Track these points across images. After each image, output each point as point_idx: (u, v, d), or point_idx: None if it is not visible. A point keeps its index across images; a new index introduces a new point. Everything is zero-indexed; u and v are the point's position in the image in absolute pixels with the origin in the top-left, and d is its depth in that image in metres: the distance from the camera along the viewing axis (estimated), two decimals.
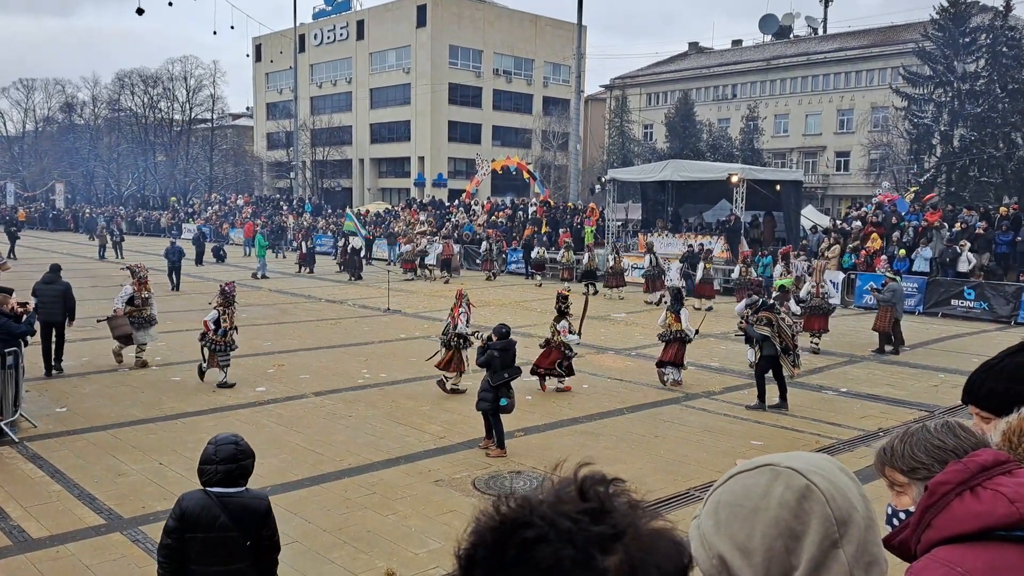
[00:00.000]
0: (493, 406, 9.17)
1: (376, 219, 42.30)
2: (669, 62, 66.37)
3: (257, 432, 9.92)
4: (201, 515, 4.06)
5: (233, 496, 4.14)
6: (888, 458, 1.82)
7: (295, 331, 17.58)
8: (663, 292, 21.15)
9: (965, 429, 1.77)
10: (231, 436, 4.31)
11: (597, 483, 0.95)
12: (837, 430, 10.45)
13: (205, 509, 4.08)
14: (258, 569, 4.22)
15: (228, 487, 4.15)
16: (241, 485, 4.21)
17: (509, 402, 9.28)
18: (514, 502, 0.94)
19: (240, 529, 4.10)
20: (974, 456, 1.57)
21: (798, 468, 1.18)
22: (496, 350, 9.39)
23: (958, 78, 35.79)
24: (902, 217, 25.77)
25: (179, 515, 4.10)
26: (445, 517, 7.35)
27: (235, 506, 4.12)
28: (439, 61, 62.73)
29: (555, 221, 33.20)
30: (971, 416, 2.23)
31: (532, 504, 0.93)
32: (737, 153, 48.86)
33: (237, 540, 4.09)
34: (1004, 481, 1.50)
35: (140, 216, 55.95)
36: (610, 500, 0.93)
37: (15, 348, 9.63)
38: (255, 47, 73.66)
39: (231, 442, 4.22)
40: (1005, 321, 20.22)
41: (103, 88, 74.27)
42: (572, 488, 0.94)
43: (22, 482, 8.09)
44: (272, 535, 4.28)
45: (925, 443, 1.76)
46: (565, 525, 0.89)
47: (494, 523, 0.92)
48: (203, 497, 4.13)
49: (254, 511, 4.17)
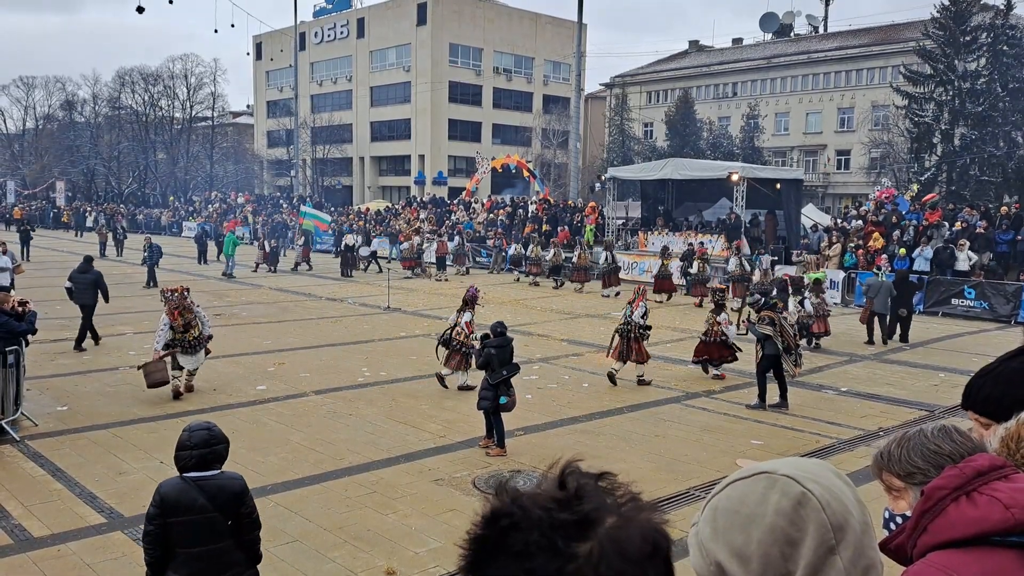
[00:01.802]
0: (494, 404, 9.19)
1: (377, 217, 42.32)
2: (669, 60, 66.32)
3: (257, 430, 9.94)
4: (180, 499, 4.22)
5: (208, 479, 4.30)
6: (885, 462, 1.83)
7: (296, 329, 17.59)
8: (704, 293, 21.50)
9: (962, 433, 1.78)
10: (204, 423, 4.50)
11: (576, 474, 1.00)
12: (837, 429, 10.46)
13: (183, 493, 4.24)
14: (241, 547, 4.39)
15: (203, 471, 4.30)
16: (216, 469, 4.36)
17: (509, 400, 9.30)
18: (504, 494, 1.00)
19: (219, 509, 4.26)
20: (970, 461, 1.58)
21: (794, 475, 1.19)
22: (493, 348, 9.41)
23: (959, 77, 35.75)
24: (903, 216, 25.78)
25: (159, 502, 4.24)
26: (445, 516, 7.36)
27: (211, 488, 4.27)
28: (439, 59, 62.71)
29: (555, 219, 33.21)
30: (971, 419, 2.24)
31: (514, 495, 0.99)
32: (737, 151, 48.84)
33: (217, 520, 4.25)
34: (1000, 486, 1.50)
35: (141, 214, 55.95)
36: (584, 490, 0.98)
37: (16, 347, 9.65)
38: (255, 45, 73.62)
39: (204, 428, 4.40)
40: (1005, 320, 20.22)
41: (104, 86, 74.13)
42: (555, 479, 1.00)
43: (23, 481, 8.11)
44: (251, 512, 4.42)
45: (922, 448, 1.77)
46: (536, 513, 0.95)
47: (482, 513, 1.00)
48: (180, 482, 4.28)
49: (230, 491, 4.33)
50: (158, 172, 69.33)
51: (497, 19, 65.82)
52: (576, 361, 14.66)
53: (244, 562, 4.42)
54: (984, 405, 2.14)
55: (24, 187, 68.90)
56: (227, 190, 61.63)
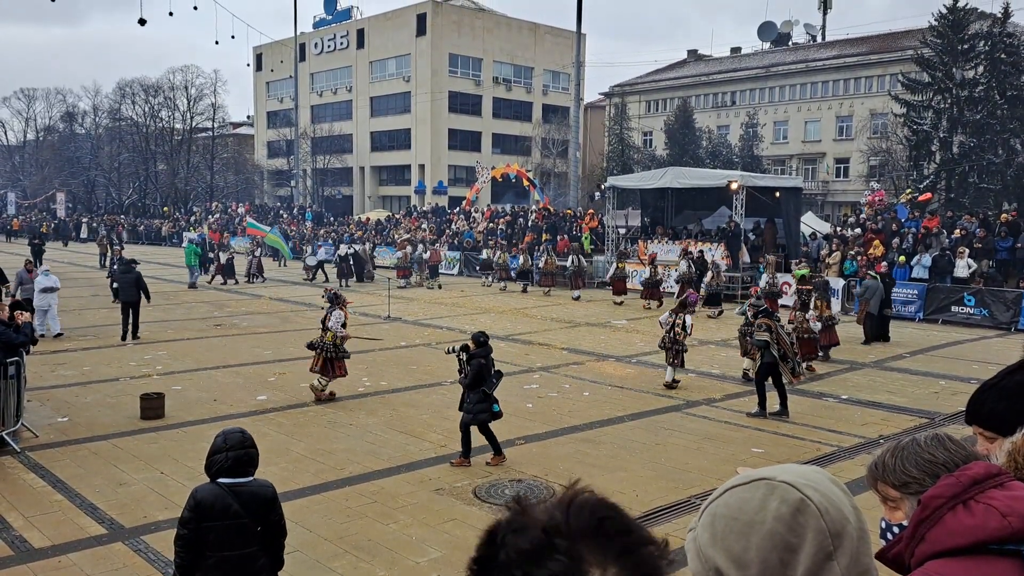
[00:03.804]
0: (490, 415, 9.03)
1: (377, 227, 42.39)
2: (668, 69, 66.51)
3: (258, 440, 9.83)
4: (215, 504, 4.35)
5: (243, 485, 4.46)
6: (880, 473, 1.83)
7: (296, 339, 17.55)
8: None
9: (955, 442, 1.78)
10: (237, 428, 4.69)
11: (564, 527, 0.95)
12: (838, 437, 10.46)
13: (219, 498, 4.37)
14: (267, 553, 4.55)
15: (237, 476, 4.45)
16: (249, 474, 4.53)
17: (499, 408, 9.18)
18: (493, 536, 0.97)
19: (251, 516, 4.41)
20: (966, 469, 1.58)
21: (792, 482, 1.20)
22: (482, 358, 9.12)
23: (957, 85, 35.83)
24: (902, 224, 25.80)
25: (194, 506, 4.37)
26: (446, 526, 7.35)
27: (246, 494, 4.43)
28: (439, 69, 62.89)
29: (554, 228, 33.25)
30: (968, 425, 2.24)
31: (503, 541, 0.95)
32: (737, 160, 48.92)
33: (248, 526, 4.40)
34: (996, 495, 1.51)
35: (141, 225, 56.05)
36: (575, 547, 0.93)
37: (17, 358, 9.65)
38: (256, 56, 73.86)
39: (238, 431, 4.61)
40: (1005, 327, 20.21)
41: (104, 97, 74.45)
42: (539, 528, 0.95)
43: (24, 492, 8.10)
44: (279, 519, 4.60)
45: (916, 457, 1.78)
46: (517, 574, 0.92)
47: (475, 555, 0.98)
48: (215, 488, 4.42)
49: (263, 498, 4.50)
50: (158, 183, 69.43)
51: (496, 29, 66.04)
52: (577, 370, 14.65)
53: (268, 567, 4.57)
54: (989, 419, 2.14)
55: (24, 198, 69.03)
56: (227, 201, 61.73)
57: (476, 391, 9.00)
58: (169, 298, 24.01)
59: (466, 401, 9.10)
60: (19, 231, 55.83)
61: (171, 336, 17.70)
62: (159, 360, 14.80)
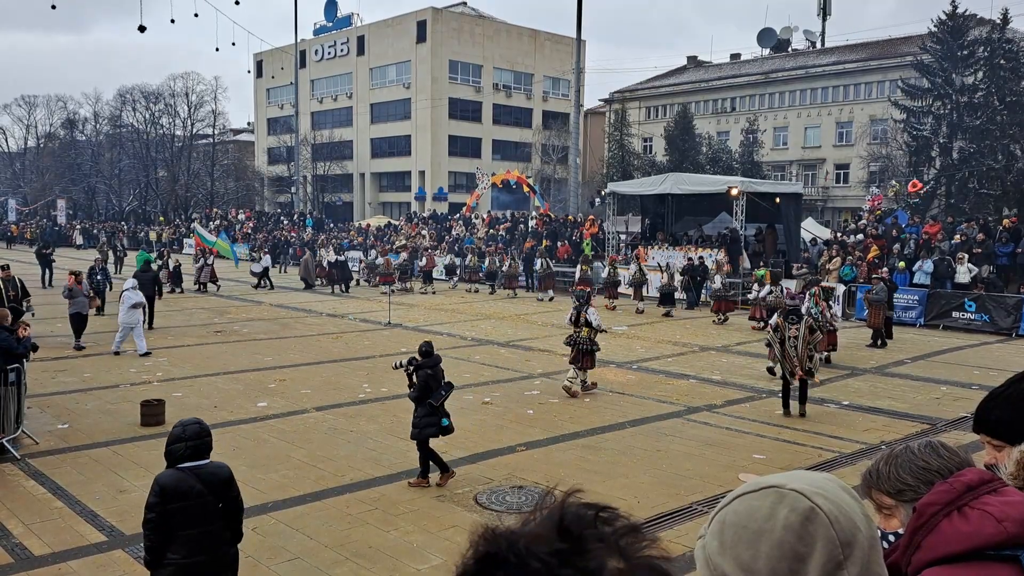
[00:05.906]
0: (438, 430, 8.59)
1: (378, 233, 42.43)
2: (668, 76, 66.60)
3: (258, 447, 9.93)
4: (178, 487, 4.75)
5: (201, 467, 4.89)
6: (874, 481, 1.84)
7: (296, 345, 17.59)
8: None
9: (948, 448, 1.79)
10: (193, 419, 5.09)
11: (579, 521, 0.92)
12: (839, 443, 10.45)
13: (181, 481, 4.78)
14: (229, 528, 5.00)
15: (195, 461, 4.87)
16: (206, 457, 4.96)
17: (450, 422, 8.74)
18: (497, 536, 0.92)
19: (213, 493, 4.85)
20: (960, 476, 1.59)
21: (803, 490, 1.19)
22: (429, 369, 8.65)
23: (956, 90, 35.90)
24: (903, 229, 25.82)
25: (159, 491, 4.74)
26: (447, 532, 7.35)
27: (205, 474, 4.87)
28: (439, 76, 63.00)
29: (555, 234, 33.27)
30: (969, 429, 2.25)
31: (510, 540, 0.91)
32: (737, 166, 48.93)
33: (211, 503, 4.83)
34: (990, 500, 1.52)
35: (142, 231, 56.10)
36: (587, 540, 0.91)
37: (17, 365, 9.66)
38: (256, 63, 74.03)
39: (195, 422, 5.02)
40: (1006, 333, 20.20)
41: (105, 104, 74.56)
42: (553, 523, 0.92)
43: (24, 499, 8.10)
44: (237, 495, 5.04)
45: (910, 464, 1.78)
46: (535, 566, 0.88)
47: (474, 551, 0.93)
48: (176, 472, 4.82)
49: (220, 476, 4.95)
50: (159, 189, 69.51)
51: (496, 36, 66.17)
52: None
53: (230, 540, 5.02)
54: (996, 427, 2.14)
55: (25, 205, 69.10)
56: (228, 207, 61.77)
57: (423, 404, 8.58)
58: (169, 304, 24.03)
59: (414, 415, 8.70)
60: (18, 237, 55.96)
61: (171, 342, 17.70)
62: (159, 367, 14.80)
